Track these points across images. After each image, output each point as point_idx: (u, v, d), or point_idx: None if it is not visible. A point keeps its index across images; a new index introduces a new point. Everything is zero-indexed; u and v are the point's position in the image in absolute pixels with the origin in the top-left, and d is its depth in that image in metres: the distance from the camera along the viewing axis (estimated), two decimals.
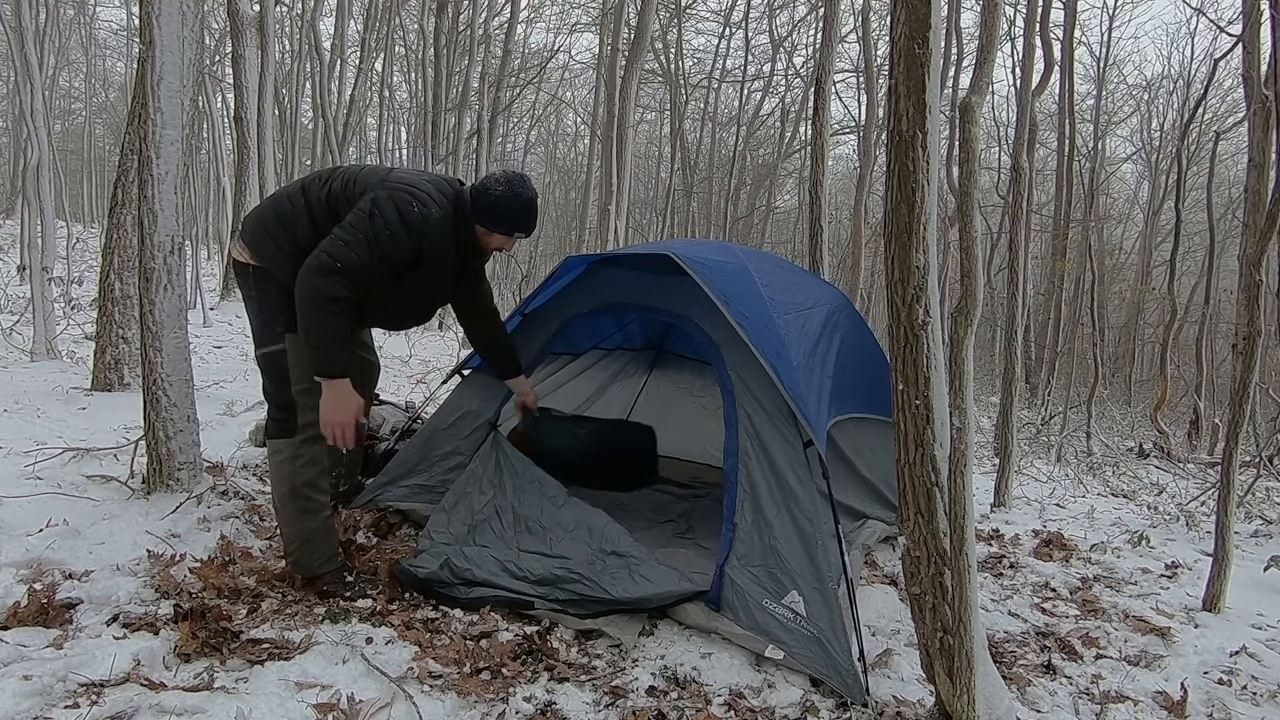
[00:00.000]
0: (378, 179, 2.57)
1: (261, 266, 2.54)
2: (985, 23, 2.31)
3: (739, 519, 2.59)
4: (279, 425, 2.58)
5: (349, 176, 2.61)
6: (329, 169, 2.71)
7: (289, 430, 2.56)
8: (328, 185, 2.59)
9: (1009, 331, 5.44)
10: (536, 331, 3.26)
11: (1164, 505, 5.80)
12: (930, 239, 1.95)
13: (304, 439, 2.55)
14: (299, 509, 2.56)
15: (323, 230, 2.48)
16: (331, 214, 2.52)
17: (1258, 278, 3.36)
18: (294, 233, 2.51)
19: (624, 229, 9.78)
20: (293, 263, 2.42)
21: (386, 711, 1.98)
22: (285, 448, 2.56)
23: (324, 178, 2.63)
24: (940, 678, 2.02)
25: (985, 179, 13.84)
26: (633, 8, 11.78)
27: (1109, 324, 17.85)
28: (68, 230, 11.90)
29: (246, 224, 2.60)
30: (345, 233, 2.40)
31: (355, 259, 2.37)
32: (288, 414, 2.56)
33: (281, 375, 2.55)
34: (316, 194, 2.57)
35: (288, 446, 2.56)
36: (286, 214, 2.54)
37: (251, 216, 2.62)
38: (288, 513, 2.57)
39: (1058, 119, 13.74)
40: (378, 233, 2.41)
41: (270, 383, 2.59)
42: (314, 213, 2.53)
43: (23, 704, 1.81)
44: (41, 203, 6.13)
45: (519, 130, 23.63)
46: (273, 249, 2.51)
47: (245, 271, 2.57)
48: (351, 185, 2.56)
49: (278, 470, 2.58)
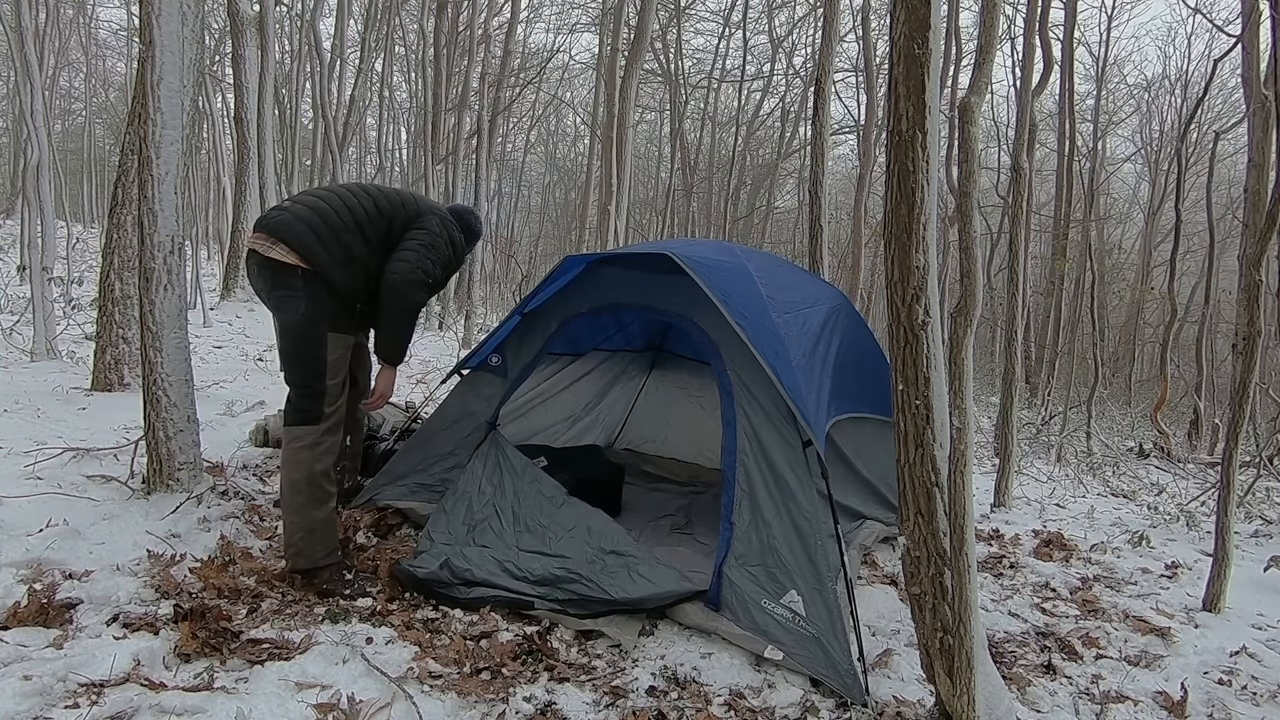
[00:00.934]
0: (426, 204, 3.01)
1: (310, 269, 2.67)
2: (984, 23, 2.31)
3: (737, 518, 2.59)
4: (304, 414, 2.70)
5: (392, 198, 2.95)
6: (356, 185, 2.98)
7: (314, 419, 2.70)
8: (371, 201, 2.87)
9: (1009, 331, 5.44)
10: (536, 331, 3.26)
11: (1164, 505, 5.80)
12: (930, 239, 1.95)
13: (327, 427, 2.71)
14: (310, 497, 2.64)
15: (372, 243, 2.81)
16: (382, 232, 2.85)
17: (1258, 278, 3.36)
18: (347, 243, 2.75)
19: (624, 229, 9.77)
20: (343, 269, 2.73)
21: (386, 711, 1.98)
22: (308, 435, 2.68)
23: (360, 195, 2.89)
24: (940, 678, 2.02)
25: (985, 179, 13.84)
26: (633, 8, 11.78)
27: (1109, 324, 17.86)
28: (68, 230, 11.89)
29: (287, 227, 2.69)
30: (427, 251, 2.83)
31: (437, 274, 2.90)
32: (315, 404, 2.70)
33: (319, 369, 2.70)
34: (362, 210, 2.83)
35: (310, 434, 2.68)
36: (338, 226, 2.75)
37: (294, 222, 2.70)
38: (298, 500, 2.64)
39: (1058, 119, 13.74)
40: (444, 252, 2.91)
41: (303, 375, 2.71)
42: (365, 230, 2.81)
43: (23, 704, 1.81)
44: (41, 203, 6.13)
45: (519, 130, 23.66)
46: (325, 255, 2.69)
47: (291, 272, 2.68)
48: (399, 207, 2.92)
49: (295, 456, 2.67)
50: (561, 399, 4.20)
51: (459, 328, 11.02)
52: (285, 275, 2.69)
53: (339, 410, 2.78)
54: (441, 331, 11.55)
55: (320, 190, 2.91)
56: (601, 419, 4.60)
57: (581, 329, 3.76)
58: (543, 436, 4.04)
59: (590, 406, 4.46)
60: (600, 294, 3.21)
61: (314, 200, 2.81)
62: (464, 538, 2.81)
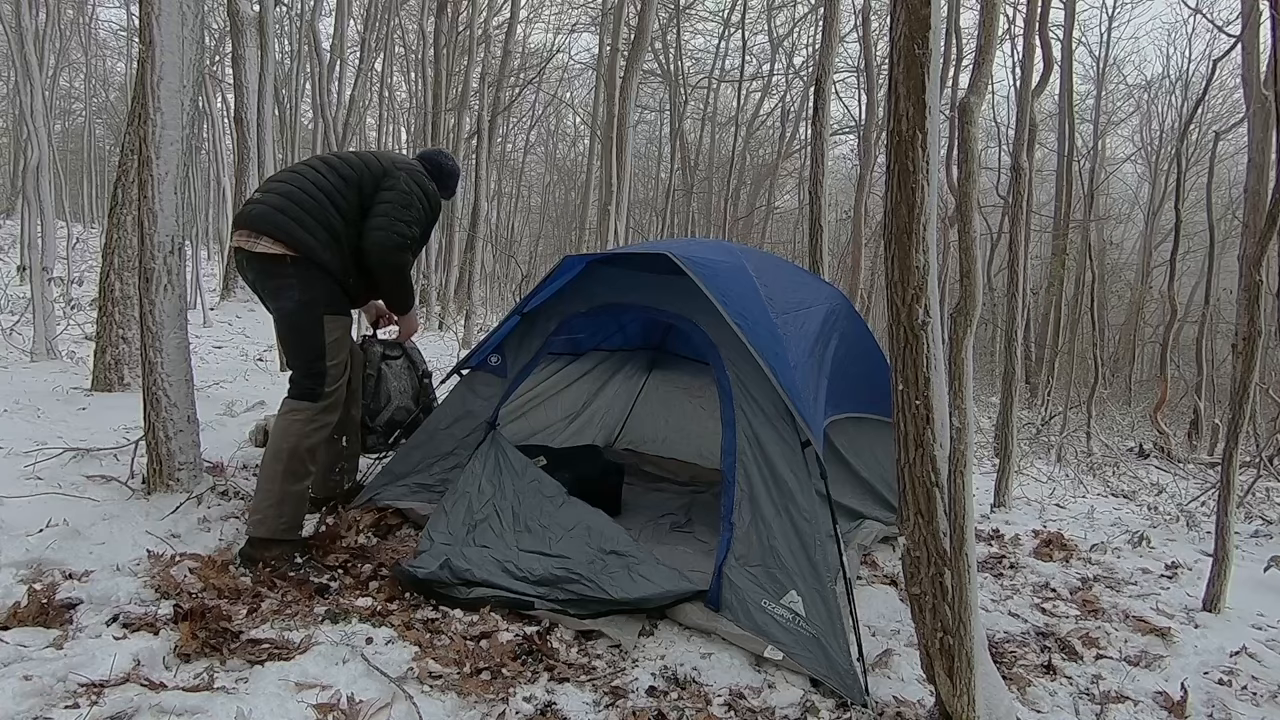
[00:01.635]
0: (390, 160, 3.00)
1: (299, 256, 2.72)
2: (984, 23, 2.30)
3: (737, 519, 2.59)
4: (305, 390, 2.80)
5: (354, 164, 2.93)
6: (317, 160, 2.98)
7: (315, 396, 2.79)
8: (336, 174, 2.88)
9: (1009, 331, 5.44)
10: (535, 331, 3.26)
11: (1164, 505, 5.79)
12: (930, 239, 1.95)
13: (324, 406, 2.81)
14: (289, 468, 2.71)
15: (348, 215, 2.83)
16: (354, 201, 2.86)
17: (1258, 278, 3.36)
18: (326, 222, 2.79)
19: (624, 229, 9.76)
20: (328, 249, 2.77)
21: (386, 711, 1.98)
22: (306, 409, 2.79)
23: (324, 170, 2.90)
24: (940, 678, 2.02)
25: (985, 179, 13.82)
26: (633, 8, 11.77)
27: (1109, 324, 17.85)
28: (68, 230, 11.89)
29: (266, 219, 2.73)
30: (400, 212, 2.85)
31: (415, 232, 2.92)
32: (316, 383, 2.80)
33: (319, 350, 2.78)
34: (330, 185, 2.84)
35: (308, 409, 2.79)
36: (313, 207, 2.78)
37: (272, 213, 2.74)
38: (276, 468, 2.70)
39: (1058, 119, 13.74)
40: (418, 209, 2.92)
41: (304, 358, 2.80)
42: (338, 204, 2.83)
43: (23, 704, 1.81)
44: (41, 203, 6.13)
45: (519, 130, 23.64)
46: (310, 240, 2.74)
47: (280, 262, 2.73)
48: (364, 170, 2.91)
49: (288, 426, 2.75)
50: (561, 399, 4.20)
51: (459, 328, 11.02)
52: (275, 265, 2.73)
53: (339, 392, 2.86)
54: (441, 331, 11.55)
55: (285, 174, 2.92)
56: (601, 419, 4.60)
57: (581, 329, 3.76)
58: (542, 436, 4.04)
59: (590, 406, 4.46)
60: (600, 294, 3.21)
61: (285, 187, 2.82)
62: (464, 538, 2.81)
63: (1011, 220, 5.41)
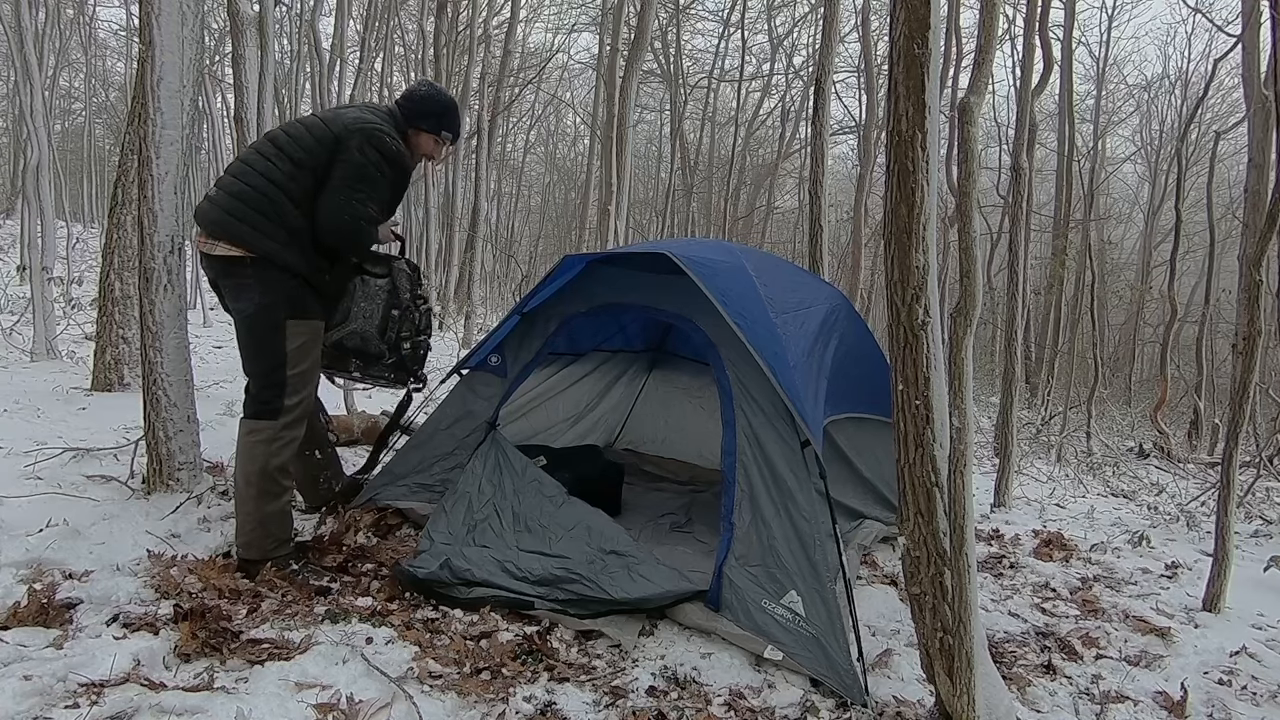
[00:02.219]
0: (341, 124, 2.66)
1: (258, 256, 2.56)
2: (984, 23, 2.30)
3: (737, 519, 2.59)
4: (264, 406, 2.62)
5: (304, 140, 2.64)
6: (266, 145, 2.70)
7: (274, 412, 2.62)
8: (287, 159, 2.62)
9: (1009, 331, 5.44)
10: (535, 331, 3.26)
11: (1164, 505, 5.79)
12: (930, 239, 1.95)
13: (287, 422, 2.63)
14: (262, 490, 2.60)
15: (302, 203, 2.59)
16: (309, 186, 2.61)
17: (1258, 278, 3.36)
18: (282, 216, 2.59)
19: (624, 229, 9.75)
20: (289, 246, 2.58)
21: (386, 711, 1.98)
22: (266, 429, 2.61)
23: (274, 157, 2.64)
24: (940, 678, 2.02)
25: (985, 179, 13.82)
26: (633, 8, 11.77)
27: (1109, 324, 17.85)
28: (68, 230, 11.89)
29: (220, 225, 2.56)
30: (351, 191, 2.60)
31: (372, 210, 2.68)
32: (275, 395, 2.61)
33: (279, 359, 2.60)
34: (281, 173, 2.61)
35: (268, 428, 2.62)
36: (265, 205, 2.57)
37: (226, 218, 2.56)
38: (250, 493, 2.60)
39: (1058, 119, 13.73)
40: (375, 177, 2.66)
41: (262, 366, 2.63)
42: (292, 193, 2.60)
43: (23, 704, 1.81)
44: (41, 203, 6.13)
45: (519, 130, 23.62)
46: (267, 242, 2.56)
47: (240, 263, 2.57)
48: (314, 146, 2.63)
49: (251, 450, 2.60)
50: (561, 399, 4.20)
51: (459, 328, 11.01)
52: (234, 265, 2.58)
53: (303, 405, 2.66)
54: (441, 331, 11.55)
55: (236, 167, 2.68)
56: (601, 419, 4.60)
57: (581, 329, 3.76)
58: (543, 436, 4.04)
59: (590, 406, 4.46)
60: (600, 294, 3.21)
61: (235, 185, 2.61)
62: (464, 538, 2.81)
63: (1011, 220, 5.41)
